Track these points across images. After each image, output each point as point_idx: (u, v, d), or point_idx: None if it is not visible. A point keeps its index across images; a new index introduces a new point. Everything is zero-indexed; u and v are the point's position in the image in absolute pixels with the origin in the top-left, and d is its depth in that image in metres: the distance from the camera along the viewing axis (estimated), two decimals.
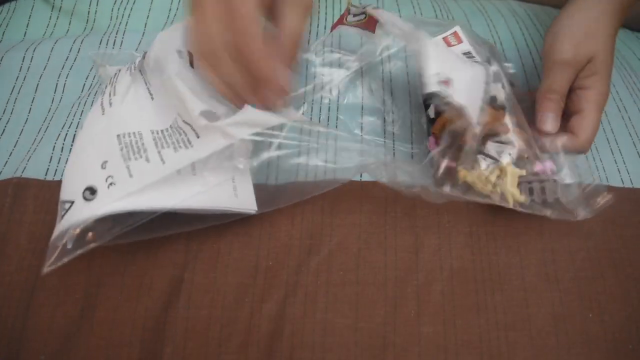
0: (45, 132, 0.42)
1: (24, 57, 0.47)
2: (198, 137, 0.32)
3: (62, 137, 0.41)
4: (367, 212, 0.39)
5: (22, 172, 0.39)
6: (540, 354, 0.34)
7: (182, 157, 0.32)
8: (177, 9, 0.51)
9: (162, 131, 0.33)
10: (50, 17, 0.52)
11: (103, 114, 0.34)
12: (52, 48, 0.47)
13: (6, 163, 0.40)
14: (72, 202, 0.30)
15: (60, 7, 0.52)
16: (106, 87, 0.37)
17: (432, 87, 0.33)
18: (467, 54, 0.40)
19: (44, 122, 0.43)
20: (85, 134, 0.34)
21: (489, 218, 0.39)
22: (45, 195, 0.38)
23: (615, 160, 0.43)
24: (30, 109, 0.44)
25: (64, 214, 0.30)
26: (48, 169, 0.39)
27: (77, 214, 0.30)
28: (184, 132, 0.33)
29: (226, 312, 0.35)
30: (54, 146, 0.41)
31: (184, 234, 0.37)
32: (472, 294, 0.36)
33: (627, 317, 0.36)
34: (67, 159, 0.36)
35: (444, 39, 0.40)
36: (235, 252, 0.37)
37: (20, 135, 0.42)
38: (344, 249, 0.37)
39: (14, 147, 0.42)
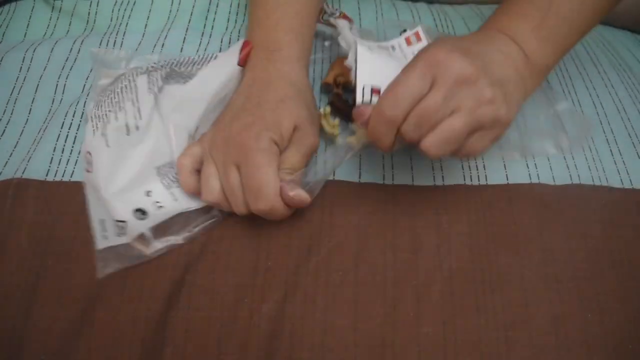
0: (45, 132, 0.42)
1: (24, 57, 0.47)
2: None
3: (62, 138, 0.41)
4: (366, 213, 0.39)
5: (23, 173, 0.39)
6: (540, 353, 0.35)
7: None
8: (177, 10, 0.51)
9: None
10: (51, 17, 0.52)
11: (128, 135, 0.38)
12: (52, 48, 0.47)
13: (6, 163, 0.40)
14: (125, 222, 0.36)
15: (60, 7, 0.52)
16: (114, 95, 0.40)
17: (360, 98, 0.36)
18: None
19: (44, 122, 0.43)
20: (115, 154, 0.38)
21: (489, 218, 0.39)
22: (45, 196, 0.38)
23: (615, 160, 0.43)
24: (30, 109, 0.44)
25: (121, 230, 0.36)
26: (49, 169, 0.40)
27: (133, 230, 0.36)
28: None
29: (226, 313, 0.35)
30: (55, 146, 0.41)
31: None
32: (472, 294, 0.36)
33: (627, 317, 0.36)
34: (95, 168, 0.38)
35: (406, 38, 0.42)
36: (234, 253, 0.37)
37: (20, 135, 0.42)
38: (343, 249, 0.37)
39: (14, 147, 0.42)
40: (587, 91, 0.48)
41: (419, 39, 0.42)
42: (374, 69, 0.37)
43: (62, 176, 0.39)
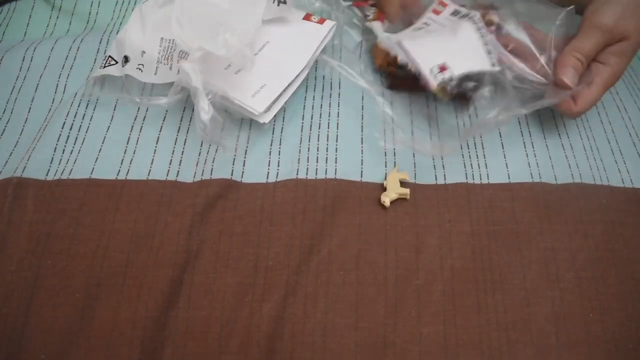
0: (45, 131, 0.42)
1: (24, 57, 0.47)
2: None
3: (63, 137, 0.41)
4: (367, 212, 0.39)
5: (22, 172, 0.39)
6: (541, 353, 0.34)
7: None
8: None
9: None
10: (50, 17, 0.52)
11: None
12: (52, 48, 0.47)
13: (6, 163, 0.40)
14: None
15: (60, 7, 0.52)
16: None
17: (436, 80, 0.39)
18: (455, 13, 0.45)
19: (44, 121, 0.43)
20: None
21: (490, 217, 0.39)
22: (45, 195, 0.38)
23: (615, 160, 0.43)
24: (30, 108, 0.44)
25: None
26: (49, 169, 0.39)
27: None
28: None
29: (226, 312, 0.35)
30: (55, 146, 0.41)
31: (184, 233, 0.37)
32: (473, 294, 0.36)
33: (628, 316, 0.36)
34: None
35: (433, 10, 0.45)
36: (234, 252, 0.37)
37: (20, 135, 0.42)
38: (344, 248, 0.37)
39: (14, 146, 0.42)
40: None
41: (444, 5, 0.44)
42: (426, 52, 0.40)
43: (61, 174, 0.39)
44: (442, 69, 0.39)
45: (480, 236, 0.38)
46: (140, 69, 0.41)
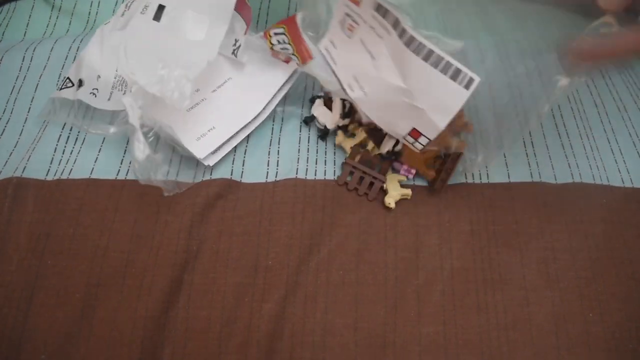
0: (45, 131, 0.42)
1: (24, 56, 0.47)
2: None
3: (63, 137, 0.41)
4: (367, 212, 0.39)
5: (22, 172, 0.39)
6: (541, 353, 0.34)
7: None
8: None
9: None
10: (50, 17, 0.52)
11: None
12: (52, 48, 0.47)
13: (6, 163, 0.40)
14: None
15: (60, 7, 0.52)
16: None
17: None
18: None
19: (44, 121, 0.43)
20: None
21: (490, 217, 0.39)
22: (45, 195, 0.38)
23: (615, 160, 0.43)
24: (30, 108, 0.44)
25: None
26: (49, 169, 0.39)
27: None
28: None
29: (226, 312, 0.35)
30: (55, 146, 0.41)
31: (184, 233, 0.37)
32: (473, 294, 0.36)
33: (628, 317, 0.36)
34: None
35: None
36: (234, 252, 0.37)
37: (20, 135, 0.42)
38: (344, 248, 0.37)
39: (14, 147, 0.42)
40: (588, 89, 0.48)
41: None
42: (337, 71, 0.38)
43: (61, 174, 0.39)
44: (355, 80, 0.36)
45: (480, 236, 0.38)
46: (94, 94, 0.40)
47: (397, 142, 0.39)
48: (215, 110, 0.40)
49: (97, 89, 0.40)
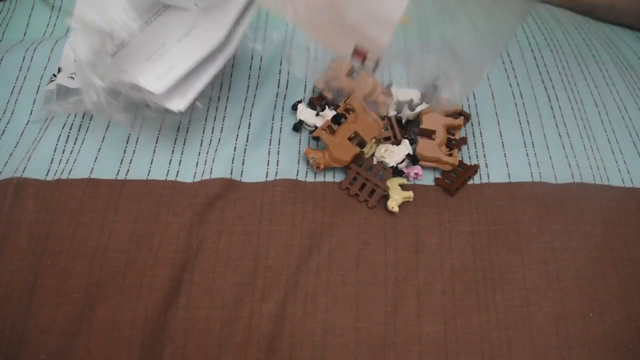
0: (45, 132, 0.42)
1: (24, 56, 0.47)
2: None
3: (63, 137, 0.41)
4: (367, 212, 0.39)
5: (23, 172, 0.39)
6: (541, 352, 0.34)
7: None
8: None
9: None
10: (50, 17, 0.52)
11: None
12: (52, 48, 0.47)
13: (6, 163, 0.40)
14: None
15: (60, 7, 0.52)
16: None
17: None
18: None
19: (44, 122, 0.43)
20: None
21: (490, 217, 0.39)
22: (45, 195, 0.38)
23: (615, 160, 0.43)
24: (31, 109, 0.44)
25: None
26: (49, 169, 0.39)
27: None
28: None
29: (226, 312, 0.35)
30: (55, 146, 0.41)
31: (184, 233, 0.37)
32: (473, 293, 0.36)
33: (628, 316, 0.36)
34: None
35: None
36: (234, 252, 0.36)
37: (20, 135, 0.42)
38: (344, 248, 0.37)
39: (14, 147, 0.42)
40: (589, 89, 0.48)
41: None
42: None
43: (61, 174, 0.39)
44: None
45: (480, 236, 0.38)
46: (72, 77, 0.41)
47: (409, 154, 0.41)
48: (176, 54, 0.40)
49: (75, 73, 0.41)
